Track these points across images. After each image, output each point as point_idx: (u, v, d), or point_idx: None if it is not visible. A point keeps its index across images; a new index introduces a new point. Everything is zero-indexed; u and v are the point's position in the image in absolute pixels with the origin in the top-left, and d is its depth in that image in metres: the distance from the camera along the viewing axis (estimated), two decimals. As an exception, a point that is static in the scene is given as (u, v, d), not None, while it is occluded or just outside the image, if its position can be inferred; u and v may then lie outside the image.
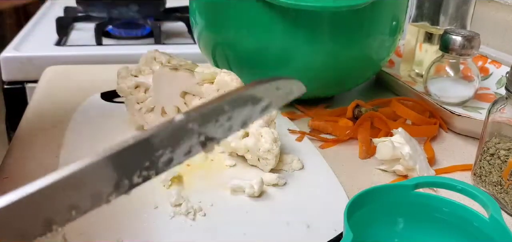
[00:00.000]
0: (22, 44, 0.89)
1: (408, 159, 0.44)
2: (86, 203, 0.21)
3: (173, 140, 0.22)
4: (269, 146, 0.42)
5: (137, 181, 0.22)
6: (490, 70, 0.68)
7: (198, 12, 0.59)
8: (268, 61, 0.55)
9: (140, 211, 0.37)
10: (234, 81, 0.46)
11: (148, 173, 0.22)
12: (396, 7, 0.57)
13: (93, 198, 0.21)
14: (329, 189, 0.42)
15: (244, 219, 0.37)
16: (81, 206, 0.20)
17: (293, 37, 0.53)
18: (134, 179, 0.22)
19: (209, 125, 0.23)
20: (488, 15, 0.79)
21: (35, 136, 0.50)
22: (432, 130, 0.54)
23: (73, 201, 0.20)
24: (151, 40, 0.97)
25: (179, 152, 0.23)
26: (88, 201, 0.20)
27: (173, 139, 0.22)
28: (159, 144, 0.22)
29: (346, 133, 0.53)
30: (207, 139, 0.23)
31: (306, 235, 0.36)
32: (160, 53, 0.49)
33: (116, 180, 0.21)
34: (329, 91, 0.62)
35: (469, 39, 0.58)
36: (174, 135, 0.22)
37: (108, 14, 0.97)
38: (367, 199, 0.33)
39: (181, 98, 0.48)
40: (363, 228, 0.31)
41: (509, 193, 0.41)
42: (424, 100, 0.59)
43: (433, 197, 0.35)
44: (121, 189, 0.21)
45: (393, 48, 0.60)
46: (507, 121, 0.42)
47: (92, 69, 0.74)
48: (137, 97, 0.49)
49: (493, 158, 0.43)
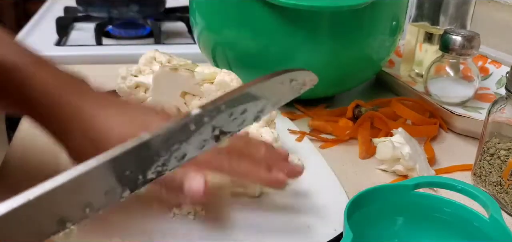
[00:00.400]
0: (22, 44, 0.88)
1: (408, 159, 0.44)
2: (100, 200, 0.20)
3: (185, 135, 0.22)
4: (270, 146, 0.42)
5: (151, 176, 0.22)
6: (490, 70, 0.68)
7: (198, 12, 0.59)
8: (268, 61, 0.55)
9: (140, 211, 0.37)
10: (234, 81, 0.46)
11: (163, 169, 0.22)
12: (396, 7, 0.57)
13: (107, 195, 0.21)
14: (329, 189, 0.42)
15: (244, 219, 0.37)
16: (95, 204, 0.20)
17: (293, 37, 0.53)
18: (149, 175, 0.22)
19: (224, 118, 0.23)
20: (488, 15, 0.79)
21: (35, 136, 0.50)
22: (432, 130, 0.54)
23: (86, 199, 0.20)
24: (151, 40, 0.97)
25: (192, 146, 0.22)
26: (102, 198, 0.20)
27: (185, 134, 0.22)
28: (173, 140, 0.21)
29: (346, 133, 0.53)
30: (221, 132, 0.23)
31: (306, 235, 0.36)
32: (160, 53, 0.49)
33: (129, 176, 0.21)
34: (329, 91, 0.62)
35: (469, 39, 0.58)
36: (186, 130, 0.22)
37: (108, 14, 0.97)
38: (367, 199, 0.33)
39: (181, 98, 0.48)
40: (363, 228, 0.31)
41: (509, 193, 0.41)
42: (424, 100, 0.59)
43: (433, 197, 0.35)
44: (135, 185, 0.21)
45: (393, 48, 0.60)
46: (507, 121, 0.42)
47: (92, 69, 0.74)
48: (137, 97, 0.49)
49: (493, 158, 0.43)
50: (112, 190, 0.20)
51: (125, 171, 0.21)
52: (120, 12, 0.97)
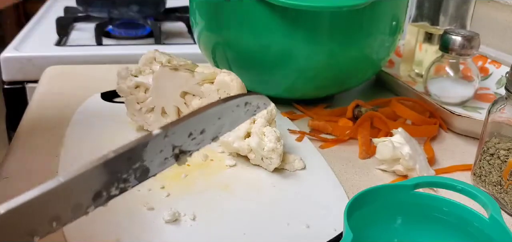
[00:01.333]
0: (22, 44, 0.89)
1: (408, 159, 0.44)
2: (68, 214, 0.22)
3: (150, 153, 0.23)
4: (273, 144, 0.42)
5: (114, 193, 0.23)
6: (490, 70, 0.68)
7: (198, 12, 0.59)
8: (268, 61, 0.55)
9: (140, 211, 0.37)
10: (234, 81, 0.46)
11: (125, 185, 0.23)
12: (396, 7, 0.57)
13: (73, 210, 0.22)
14: (329, 189, 0.42)
15: (244, 219, 0.37)
16: (61, 217, 0.21)
17: (293, 37, 0.53)
18: (112, 191, 0.23)
19: (183, 138, 0.24)
20: (488, 15, 0.79)
21: (35, 136, 0.50)
22: (432, 130, 0.54)
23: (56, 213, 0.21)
24: (151, 40, 0.97)
25: (155, 164, 0.24)
26: (69, 213, 0.21)
27: (150, 152, 0.23)
28: (137, 157, 0.23)
29: (346, 133, 0.53)
30: (181, 151, 0.25)
31: (306, 235, 0.36)
32: (160, 53, 0.49)
33: (95, 192, 0.22)
34: (329, 91, 0.62)
35: (469, 39, 0.58)
36: (151, 148, 0.23)
37: (108, 14, 0.97)
38: (367, 199, 0.33)
39: (181, 98, 0.48)
40: (363, 228, 0.31)
41: (509, 193, 0.41)
42: (424, 100, 0.59)
43: (433, 197, 0.35)
44: (99, 201, 0.22)
45: (393, 48, 0.60)
46: (507, 120, 0.42)
47: (92, 69, 0.74)
48: (137, 97, 0.49)
49: (493, 158, 0.43)
50: (79, 205, 0.22)
51: (92, 188, 0.22)
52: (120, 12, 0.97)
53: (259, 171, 0.44)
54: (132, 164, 0.23)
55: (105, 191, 0.22)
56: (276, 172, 0.44)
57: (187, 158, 0.25)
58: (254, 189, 0.42)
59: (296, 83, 0.57)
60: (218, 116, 0.25)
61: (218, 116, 0.25)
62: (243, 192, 0.41)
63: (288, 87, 0.58)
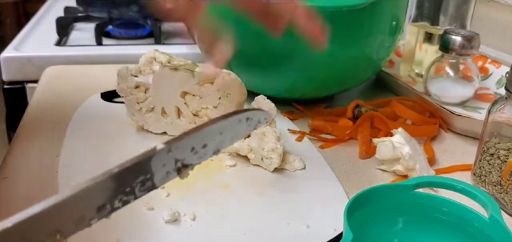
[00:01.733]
0: (22, 44, 0.89)
1: (408, 159, 0.44)
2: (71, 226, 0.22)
3: (154, 167, 0.24)
4: (273, 144, 0.42)
5: (117, 205, 0.24)
6: (490, 70, 0.68)
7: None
8: (268, 61, 0.55)
9: (140, 211, 0.37)
10: (234, 81, 0.46)
11: (128, 198, 0.24)
12: (396, 7, 0.57)
13: (76, 222, 0.22)
14: (329, 189, 0.42)
15: (244, 219, 0.37)
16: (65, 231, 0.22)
17: (293, 37, 0.52)
18: (115, 204, 0.23)
19: (186, 152, 0.25)
20: (488, 15, 0.79)
21: (35, 136, 0.50)
22: (432, 130, 0.54)
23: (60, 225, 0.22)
24: (151, 40, 0.97)
25: (158, 177, 0.25)
26: (72, 224, 0.22)
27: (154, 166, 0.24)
28: (141, 171, 0.24)
29: (346, 133, 0.53)
30: (183, 165, 0.26)
31: (306, 235, 0.36)
32: (160, 53, 0.49)
33: (99, 206, 0.23)
34: (329, 91, 0.62)
35: (469, 39, 0.58)
36: (155, 163, 0.24)
37: (108, 14, 0.97)
38: (367, 199, 0.33)
39: (181, 98, 0.48)
40: (363, 228, 0.31)
41: (509, 193, 0.41)
42: (424, 100, 0.59)
43: (433, 197, 0.35)
44: (102, 213, 0.23)
45: (393, 48, 0.60)
46: (507, 120, 0.42)
47: (92, 69, 0.74)
48: (137, 97, 0.49)
49: (493, 158, 0.43)
50: (82, 218, 0.22)
51: (96, 201, 0.23)
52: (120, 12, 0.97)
53: (259, 171, 0.44)
54: (136, 178, 0.23)
55: (109, 204, 0.23)
56: (276, 172, 0.44)
57: (189, 171, 0.26)
58: (254, 189, 0.42)
59: (296, 83, 0.57)
60: (220, 131, 0.26)
61: (220, 132, 0.26)
62: (243, 192, 0.41)
63: (288, 87, 0.58)
